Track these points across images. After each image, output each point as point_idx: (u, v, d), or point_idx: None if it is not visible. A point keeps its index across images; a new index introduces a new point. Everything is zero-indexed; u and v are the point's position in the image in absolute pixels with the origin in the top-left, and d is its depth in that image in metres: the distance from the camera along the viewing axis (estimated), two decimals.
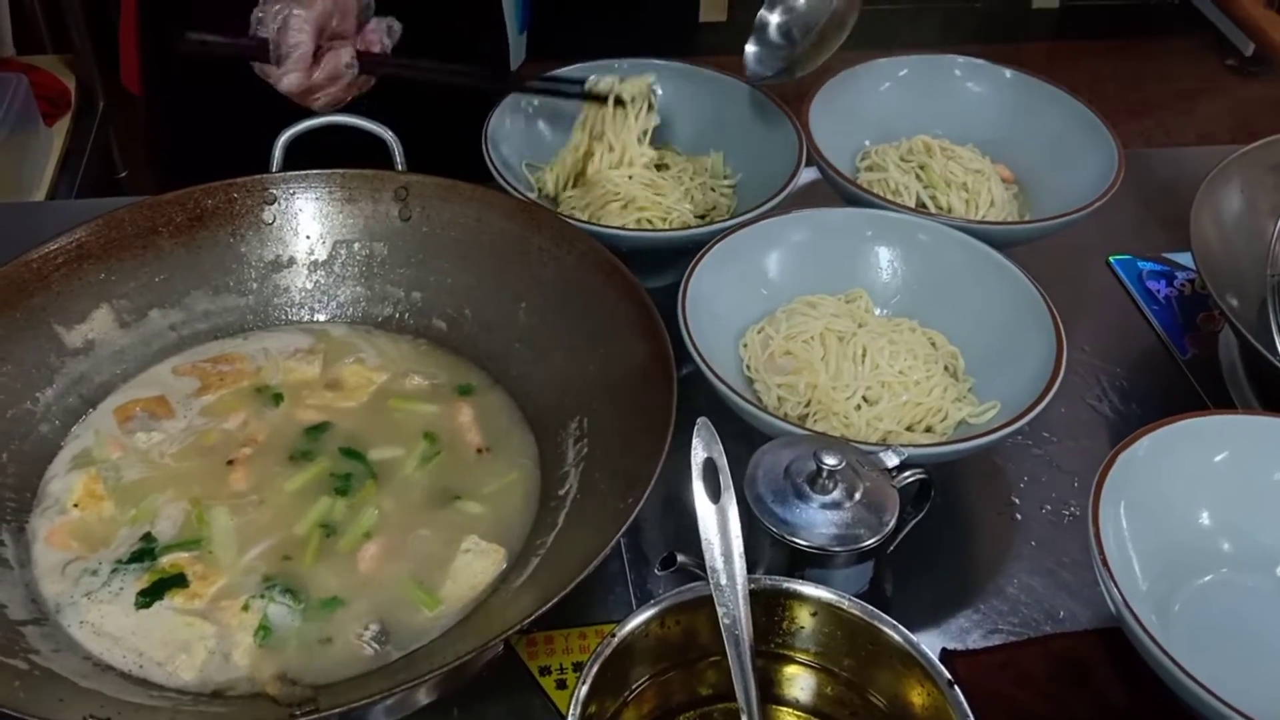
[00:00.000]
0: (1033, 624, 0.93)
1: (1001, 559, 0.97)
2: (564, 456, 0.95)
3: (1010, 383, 0.99)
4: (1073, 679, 0.88)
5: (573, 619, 0.90)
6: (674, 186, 1.21)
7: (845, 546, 0.81)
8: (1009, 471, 1.04)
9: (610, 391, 0.95)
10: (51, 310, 0.98)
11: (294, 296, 1.09)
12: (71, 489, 0.91)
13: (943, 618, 0.92)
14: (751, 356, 1.04)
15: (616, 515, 0.81)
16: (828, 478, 0.82)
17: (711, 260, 1.04)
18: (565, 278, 1.02)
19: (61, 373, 0.98)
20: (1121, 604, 0.78)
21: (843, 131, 1.25)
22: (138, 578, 0.85)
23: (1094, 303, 1.25)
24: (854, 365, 1.01)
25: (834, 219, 1.11)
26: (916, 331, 1.06)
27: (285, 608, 0.84)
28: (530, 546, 0.90)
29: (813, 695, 0.77)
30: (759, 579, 0.75)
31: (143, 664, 0.80)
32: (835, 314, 1.06)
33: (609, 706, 0.72)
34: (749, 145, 1.25)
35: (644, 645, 0.73)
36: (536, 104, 1.26)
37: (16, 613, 0.82)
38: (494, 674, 0.86)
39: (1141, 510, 0.88)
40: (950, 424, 0.99)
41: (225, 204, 1.06)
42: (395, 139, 1.09)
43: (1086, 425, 1.10)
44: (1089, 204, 1.15)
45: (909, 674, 0.72)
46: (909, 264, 1.10)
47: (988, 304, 1.05)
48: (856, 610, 0.74)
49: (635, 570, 0.95)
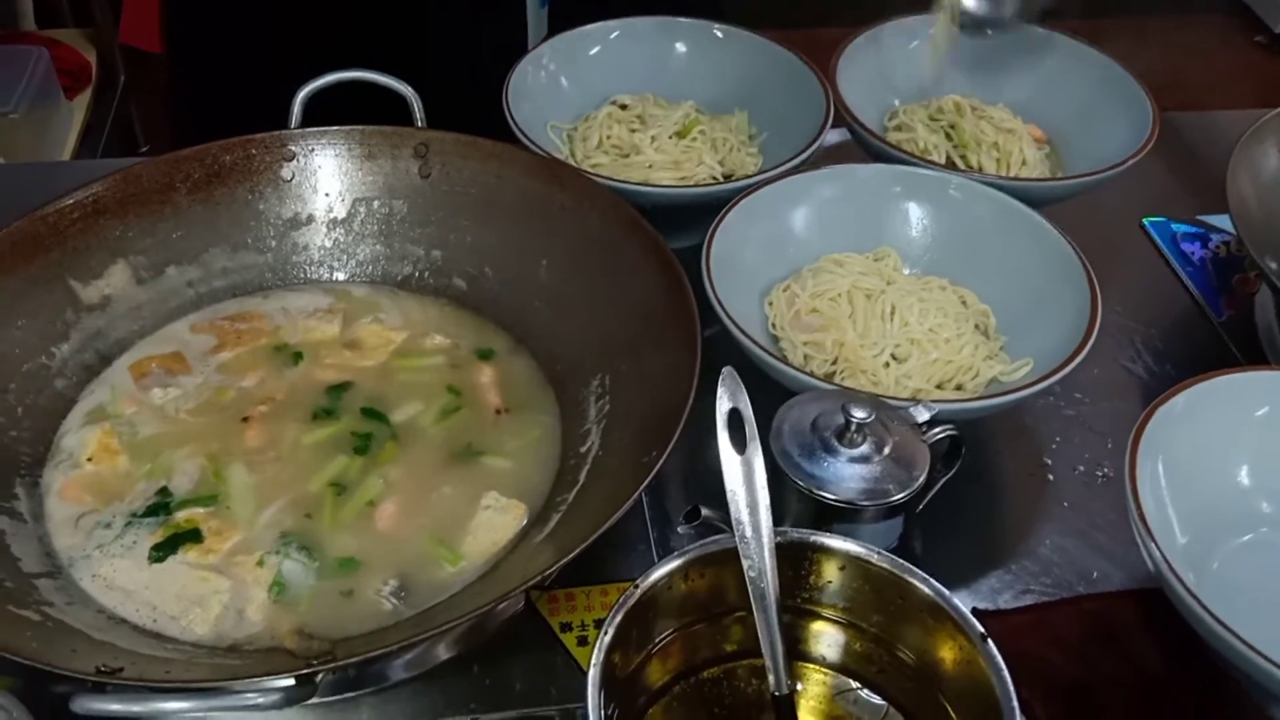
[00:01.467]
0: (1065, 584, 0.91)
1: (1033, 519, 0.95)
2: (585, 413, 0.94)
3: (1043, 341, 0.97)
4: (1106, 640, 0.86)
5: (594, 576, 0.88)
6: (700, 150, 1.19)
7: (873, 501, 0.79)
8: (1040, 432, 1.02)
9: (633, 349, 0.93)
10: (67, 265, 0.97)
11: (313, 254, 1.07)
12: (85, 443, 0.90)
13: (973, 578, 0.90)
14: (777, 314, 1.02)
15: (639, 471, 0.79)
16: (856, 431, 0.80)
17: (736, 216, 1.02)
18: (587, 235, 1.00)
19: (77, 328, 0.97)
20: (1161, 561, 0.76)
21: (871, 90, 1.23)
22: (151, 532, 0.84)
23: (1127, 265, 1.22)
24: (882, 323, 0.99)
25: (862, 175, 1.08)
26: (947, 290, 1.03)
27: (300, 565, 0.83)
28: (551, 503, 0.88)
29: (840, 651, 0.75)
30: (785, 532, 0.73)
31: (156, 618, 0.79)
32: (863, 272, 1.03)
33: (632, 659, 0.71)
34: (775, 104, 1.22)
35: (668, 598, 0.71)
36: (559, 60, 1.24)
37: (30, 565, 0.81)
38: (515, 631, 0.85)
39: (1179, 467, 0.85)
40: (981, 382, 0.97)
41: (243, 160, 1.04)
42: (415, 95, 1.08)
43: (1120, 386, 1.08)
44: (1124, 160, 1.12)
45: (939, 629, 0.70)
46: (939, 221, 1.07)
47: (1020, 261, 1.03)
48: (885, 564, 0.71)
49: (658, 528, 0.93)
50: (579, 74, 1.25)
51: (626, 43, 1.27)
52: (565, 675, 0.83)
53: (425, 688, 0.81)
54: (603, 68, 1.26)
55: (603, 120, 1.22)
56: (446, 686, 0.81)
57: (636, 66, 1.27)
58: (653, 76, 1.27)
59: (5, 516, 0.84)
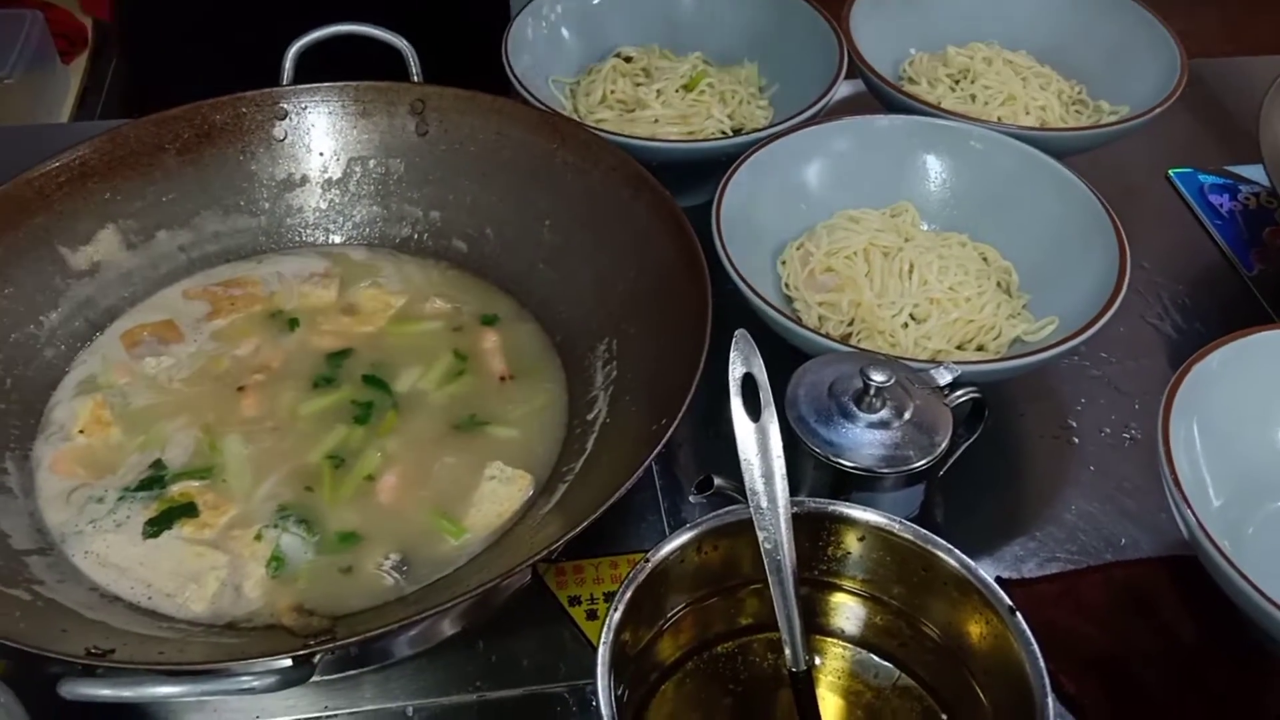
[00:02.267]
0: (1092, 552, 0.87)
1: (1058, 484, 0.92)
2: (592, 380, 0.90)
3: (1068, 298, 0.93)
4: (1136, 609, 0.83)
5: (603, 548, 0.86)
6: (708, 104, 1.15)
7: (894, 468, 0.76)
8: (1065, 394, 0.98)
9: (641, 312, 0.90)
10: (55, 231, 0.94)
11: (308, 217, 1.04)
12: (77, 415, 0.87)
13: (997, 545, 0.87)
14: (790, 274, 0.99)
15: (648, 438, 0.76)
16: (875, 395, 0.77)
17: (747, 172, 0.98)
18: (591, 193, 0.96)
19: (66, 296, 0.94)
20: (1195, 526, 0.73)
21: (887, 38, 1.18)
22: (145, 506, 0.81)
23: (1153, 218, 1.18)
24: (900, 282, 0.95)
25: (879, 126, 1.04)
26: (967, 246, 1.00)
27: (299, 539, 0.80)
28: (558, 473, 0.85)
29: (860, 625, 0.72)
30: (802, 501, 0.69)
31: (151, 595, 0.77)
32: (880, 228, 0.99)
33: (643, 635, 0.68)
34: (786, 54, 1.18)
35: (680, 571, 0.68)
36: (560, 10, 1.20)
37: (20, 542, 0.79)
38: (522, 605, 0.82)
39: (1214, 428, 0.82)
40: (1004, 342, 0.93)
41: (234, 119, 1.01)
42: (411, 49, 1.04)
43: (1147, 345, 1.04)
44: (1151, 108, 1.07)
45: (965, 602, 0.67)
46: (959, 174, 1.03)
47: (1044, 216, 0.99)
48: (908, 534, 0.68)
49: (668, 498, 0.90)
50: (581, 25, 1.21)
51: None
52: (574, 650, 0.80)
53: (429, 664, 0.79)
54: (606, 18, 1.22)
55: (607, 74, 1.18)
56: (451, 663, 0.79)
57: (641, 16, 1.23)
58: (658, 27, 1.23)
59: None
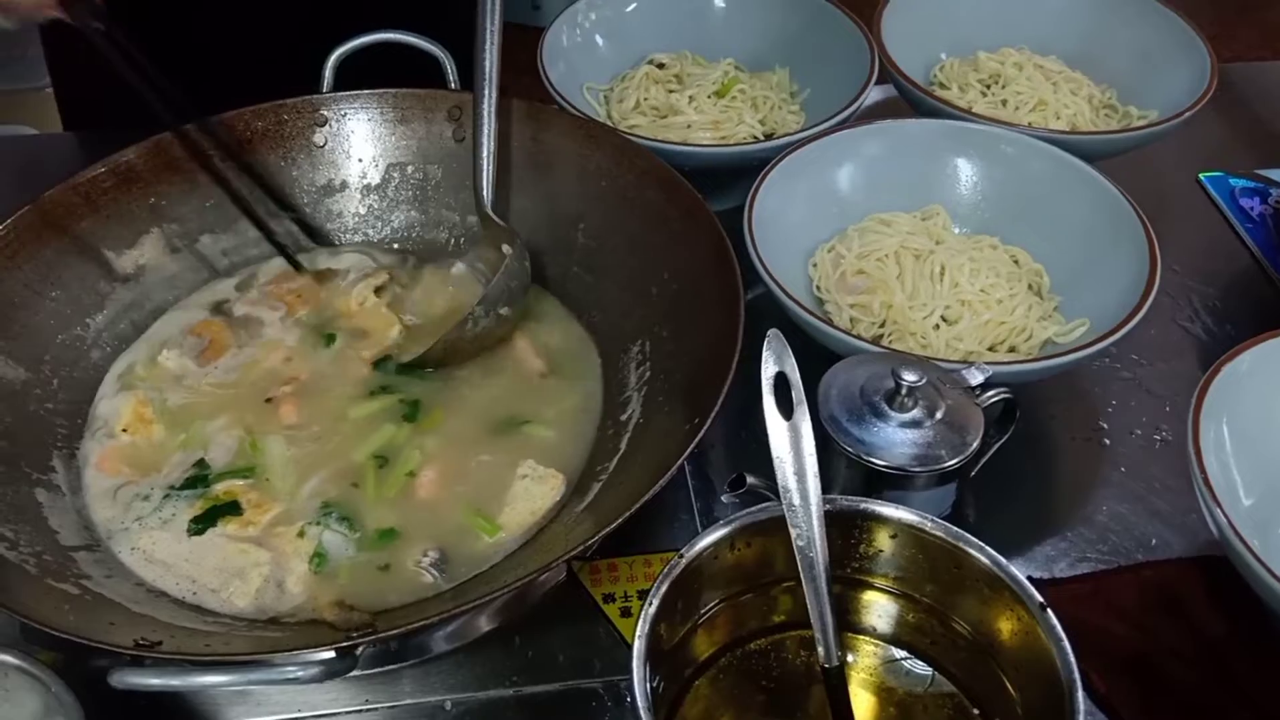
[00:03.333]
0: (1123, 552, 0.88)
1: (1089, 485, 0.92)
2: (626, 381, 0.92)
3: (1098, 300, 0.94)
4: (1167, 609, 0.83)
5: (637, 546, 0.87)
6: (740, 110, 1.16)
7: (926, 467, 0.77)
8: (1095, 395, 0.99)
9: (674, 314, 0.91)
10: (101, 235, 0.96)
11: (347, 221, 1.06)
12: (120, 412, 0.89)
13: (1027, 545, 0.87)
14: (822, 276, 1.00)
15: (682, 438, 0.77)
16: (907, 395, 0.78)
17: (779, 175, 0.99)
18: (625, 197, 0.97)
19: (112, 299, 0.96)
20: (1225, 525, 0.73)
21: (917, 43, 1.19)
22: (190, 504, 0.83)
23: (1183, 221, 1.18)
24: (931, 284, 0.96)
25: (910, 130, 1.05)
26: (998, 249, 1.00)
27: (341, 535, 0.81)
28: (592, 472, 0.86)
29: (892, 623, 0.73)
30: (835, 499, 0.70)
31: (196, 590, 0.78)
32: (911, 231, 1.00)
33: (677, 631, 0.69)
34: (817, 59, 1.19)
35: (714, 568, 0.69)
36: (594, 19, 1.21)
37: (68, 538, 0.81)
38: (557, 602, 0.83)
39: (1244, 429, 0.82)
40: (1035, 343, 0.94)
41: (275, 126, 1.03)
42: (448, 56, 1.05)
43: (1178, 347, 1.04)
44: (1181, 112, 1.08)
45: (996, 599, 0.68)
46: (990, 178, 1.04)
47: (1075, 219, 0.99)
48: (940, 532, 0.69)
49: (701, 498, 0.91)
50: (615, 33, 1.23)
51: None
52: (609, 647, 0.81)
53: (467, 659, 0.80)
54: (639, 26, 1.23)
55: (640, 80, 1.19)
56: (488, 658, 0.80)
57: (674, 23, 1.24)
58: (690, 33, 1.24)
59: (43, 489, 0.83)
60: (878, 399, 0.78)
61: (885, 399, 0.78)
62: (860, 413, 0.78)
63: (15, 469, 0.83)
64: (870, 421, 0.78)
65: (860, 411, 0.78)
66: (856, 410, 0.79)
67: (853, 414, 0.78)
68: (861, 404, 0.79)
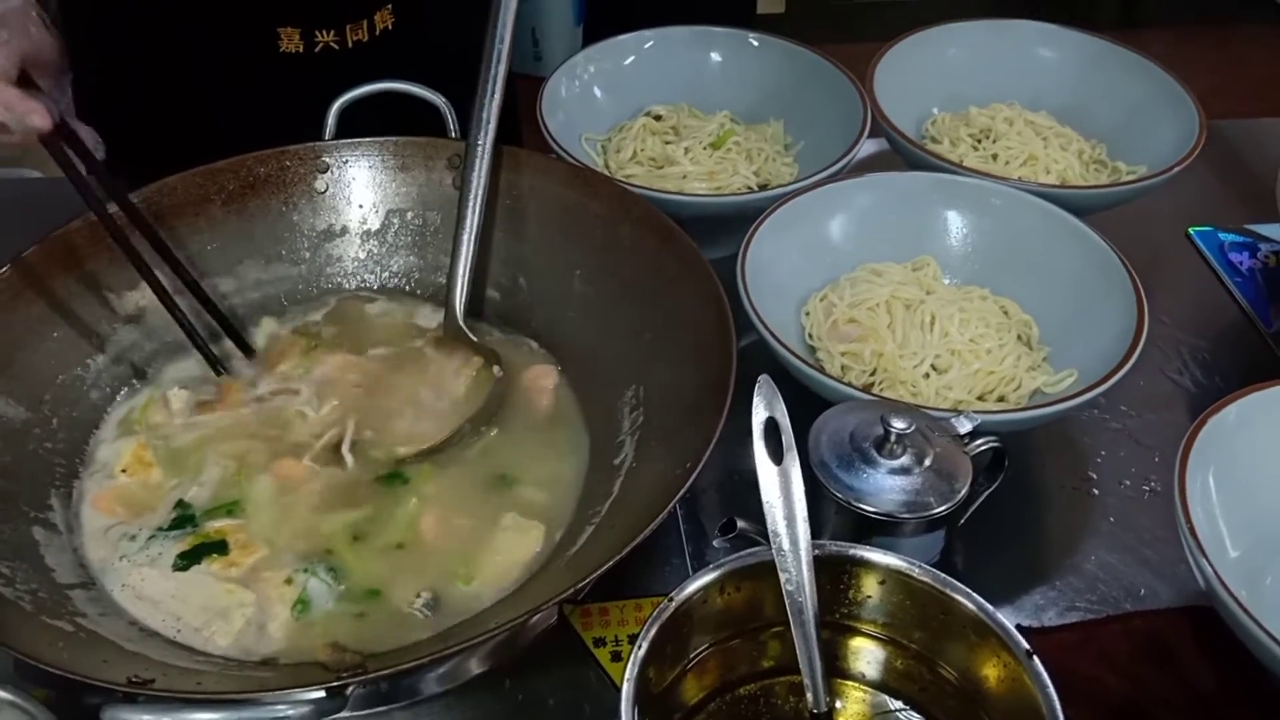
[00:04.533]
0: (1112, 601, 0.88)
1: (1078, 534, 0.93)
2: (619, 425, 0.92)
3: (1087, 351, 0.95)
4: (1156, 659, 0.84)
5: (628, 590, 0.87)
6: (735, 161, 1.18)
7: (914, 514, 0.78)
8: (1085, 445, 1.00)
9: (667, 360, 0.92)
10: (104, 276, 0.97)
11: (346, 266, 1.07)
12: (120, 454, 0.90)
13: (1017, 594, 0.88)
14: (814, 324, 1.01)
15: (673, 483, 0.77)
16: (896, 442, 0.79)
17: (773, 225, 1.00)
18: (621, 245, 0.98)
19: (113, 340, 0.97)
20: (1211, 575, 0.74)
21: (909, 98, 1.21)
22: (177, 543, 0.84)
23: (1173, 275, 1.19)
24: (922, 333, 0.97)
25: (901, 183, 1.07)
26: (988, 299, 1.02)
27: (326, 585, 0.81)
28: (584, 516, 0.87)
29: (880, 669, 0.73)
30: (824, 544, 0.71)
31: (180, 629, 0.79)
32: (902, 281, 1.02)
33: (667, 675, 0.69)
34: (811, 112, 1.21)
35: (704, 612, 0.70)
36: (592, 70, 1.23)
37: (64, 576, 0.81)
38: (548, 646, 0.83)
39: (1231, 480, 0.83)
40: (1024, 393, 0.95)
41: (278, 172, 1.04)
42: (448, 105, 1.07)
43: (1167, 399, 1.05)
44: (1170, 167, 1.10)
45: (983, 645, 0.68)
46: (980, 230, 1.05)
47: (1064, 271, 1.01)
48: (927, 578, 0.70)
49: (693, 543, 0.91)
50: (613, 84, 1.25)
51: (661, 52, 1.26)
52: (599, 691, 0.81)
53: (457, 702, 0.80)
54: (637, 78, 1.25)
55: (637, 132, 1.21)
56: (479, 701, 0.80)
57: (671, 77, 1.26)
58: (687, 86, 1.26)
59: (40, 527, 0.84)
60: (867, 446, 0.79)
61: (875, 446, 0.79)
62: (850, 459, 0.79)
63: (14, 507, 0.84)
64: (860, 468, 0.79)
65: (850, 458, 0.79)
66: (846, 457, 0.79)
67: (842, 460, 0.79)
68: (851, 450, 0.80)
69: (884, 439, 0.79)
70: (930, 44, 1.27)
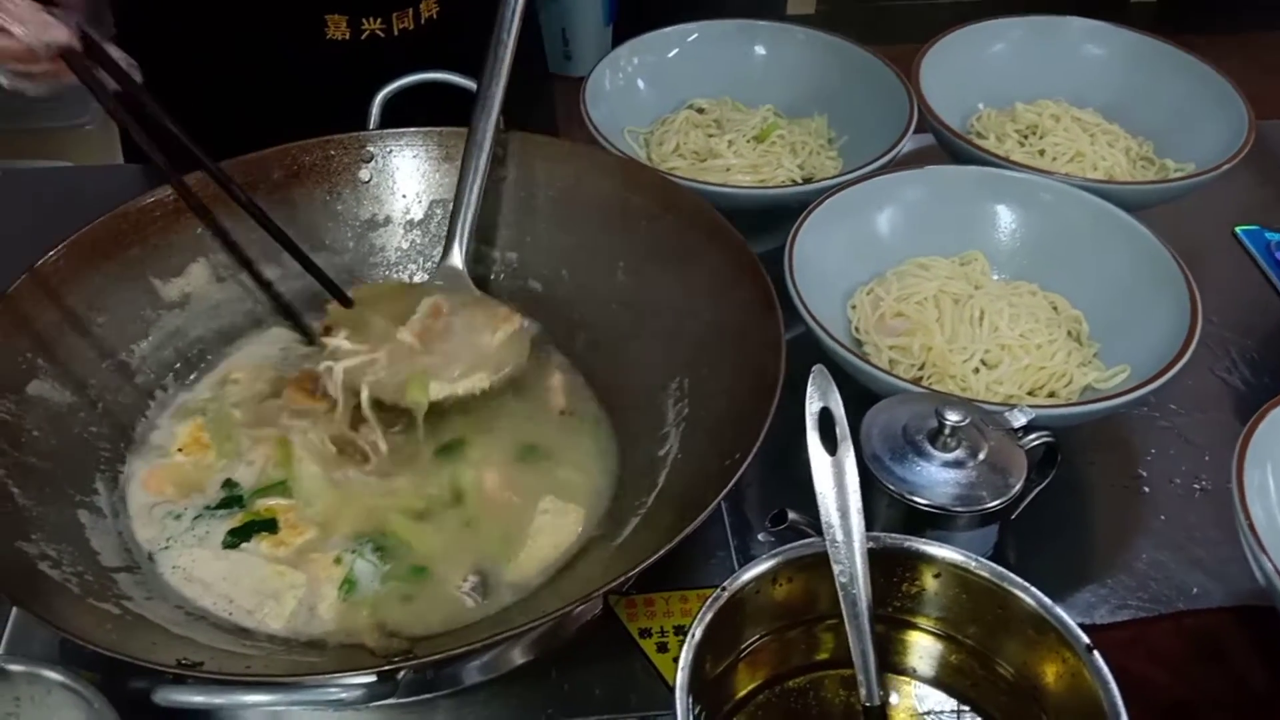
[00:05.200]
0: (1163, 600, 0.87)
1: (1129, 532, 0.92)
2: (664, 416, 0.92)
3: (1138, 348, 0.94)
4: (1209, 658, 0.82)
5: (672, 581, 0.86)
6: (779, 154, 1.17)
7: (968, 507, 0.77)
8: (1135, 444, 0.98)
9: (713, 352, 0.91)
10: (148, 263, 0.97)
11: (389, 256, 1.07)
12: (176, 435, 0.91)
13: (1068, 591, 0.87)
14: (861, 318, 1.00)
15: (720, 475, 0.77)
16: (950, 435, 0.78)
17: (819, 217, 0.99)
18: (665, 236, 0.98)
19: (157, 325, 0.97)
20: (1273, 573, 0.73)
21: (954, 93, 1.20)
22: (224, 522, 0.84)
23: (1220, 274, 1.18)
24: (971, 328, 0.96)
25: (950, 176, 1.06)
26: (1037, 295, 1.01)
27: (372, 566, 0.81)
28: (629, 506, 0.86)
29: (933, 664, 0.73)
30: (878, 537, 0.70)
31: (233, 611, 0.79)
32: (950, 276, 1.01)
33: (718, 664, 0.68)
34: (855, 107, 1.20)
35: (756, 603, 0.69)
36: (636, 63, 1.23)
37: (109, 560, 0.81)
38: (593, 636, 0.83)
39: None
40: (1075, 389, 0.94)
41: (322, 161, 1.04)
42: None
43: (1216, 398, 1.04)
44: (1219, 164, 1.08)
45: (1041, 641, 0.67)
46: (1029, 225, 1.04)
47: (1114, 267, 1.00)
48: (985, 572, 0.69)
49: (738, 535, 0.91)
50: (656, 78, 1.24)
51: (705, 46, 1.26)
52: (645, 682, 0.81)
53: (502, 691, 0.80)
54: (680, 71, 1.25)
55: (680, 124, 1.21)
56: (524, 691, 0.80)
57: (715, 70, 1.26)
58: (731, 79, 1.26)
59: (85, 510, 0.84)
60: (920, 438, 0.79)
61: (928, 438, 0.78)
62: (903, 452, 0.78)
63: (60, 490, 0.84)
64: (913, 461, 0.78)
65: (903, 450, 0.78)
66: (899, 449, 0.79)
67: (895, 453, 0.78)
68: (904, 443, 0.79)
69: (938, 432, 0.78)
70: (975, 40, 1.26)
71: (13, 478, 0.81)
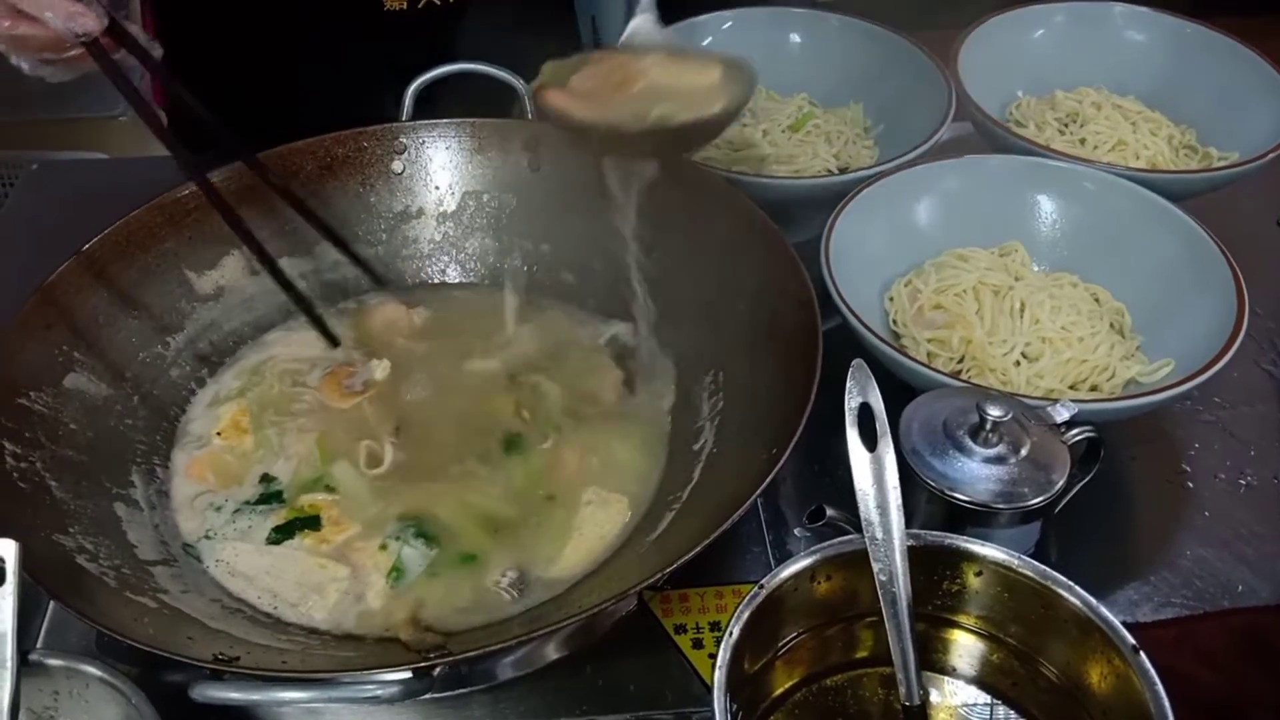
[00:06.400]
0: (1208, 597, 0.85)
1: (1172, 529, 0.90)
2: (698, 410, 0.91)
3: (1183, 341, 0.92)
4: (1257, 657, 0.81)
5: (707, 577, 0.86)
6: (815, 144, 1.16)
7: (1010, 504, 0.76)
8: (1178, 438, 0.97)
9: (748, 345, 0.90)
10: (183, 256, 0.98)
11: (422, 248, 1.06)
12: (220, 418, 0.91)
13: (1111, 589, 0.85)
14: (898, 310, 0.99)
15: (756, 470, 0.76)
16: (991, 430, 0.76)
17: (857, 207, 0.98)
18: (699, 227, 0.97)
19: (192, 318, 0.97)
20: None
21: (993, 81, 1.18)
22: (266, 518, 0.84)
23: (1264, 265, 1.15)
24: (1011, 320, 0.95)
25: (990, 166, 1.04)
26: (1078, 286, 0.99)
27: (418, 552, 0.82)
28: (664, 501, 0.86)
29: (975, 663, 0.71)
30: (919, 534, 0.69)
31: (276, 604, 0.79)
32: (989, 267, 0.99)
33: (756, 661, 0.68)
34: (892, 95, 1.19)
35: (794, 599, 0.68)
36: None
37: (146, 553, 0.81)
38: (628, 632, 0.82)
39: None
40: (1118, 383, 0.92)
41: (355, 153, 1.04)
42: (526, 87, 1.06)
43: (1261, 391, 1.02)
44: (1266, 153, 1.06)
45: (1086, 641, 0.66)
46: (1070, 215, 1.02)
47: (1157, 258, 0.98)
48: (1029, 571, 0.67)
49: (773, 531, 0.90)
50: None
51: (738, 33, 1.24)
52: (680, 678, 0.80)
53: (537, 686, 0.79)
54: None
55: None
56: (559, 686, 0.79)
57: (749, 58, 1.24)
58: (765, 67, 1.22)
59: (122, 504, 0.84)
60: (961, 434, 0.77)
61: (969, 434, 0.77)
62: (943, 447, 0.77)
63: (96, 483, 0.84)
64: (953, 456, 0.77)
65: (943, 446, 0.77)
66: (939, 444, 0.77)
67: (935, 448, 0.77)
68: (944, 438, 0.78)
69: (979, 427, 0.77)
70: (1016, 25, 1.24)
71: (50, 471, 0.81)
